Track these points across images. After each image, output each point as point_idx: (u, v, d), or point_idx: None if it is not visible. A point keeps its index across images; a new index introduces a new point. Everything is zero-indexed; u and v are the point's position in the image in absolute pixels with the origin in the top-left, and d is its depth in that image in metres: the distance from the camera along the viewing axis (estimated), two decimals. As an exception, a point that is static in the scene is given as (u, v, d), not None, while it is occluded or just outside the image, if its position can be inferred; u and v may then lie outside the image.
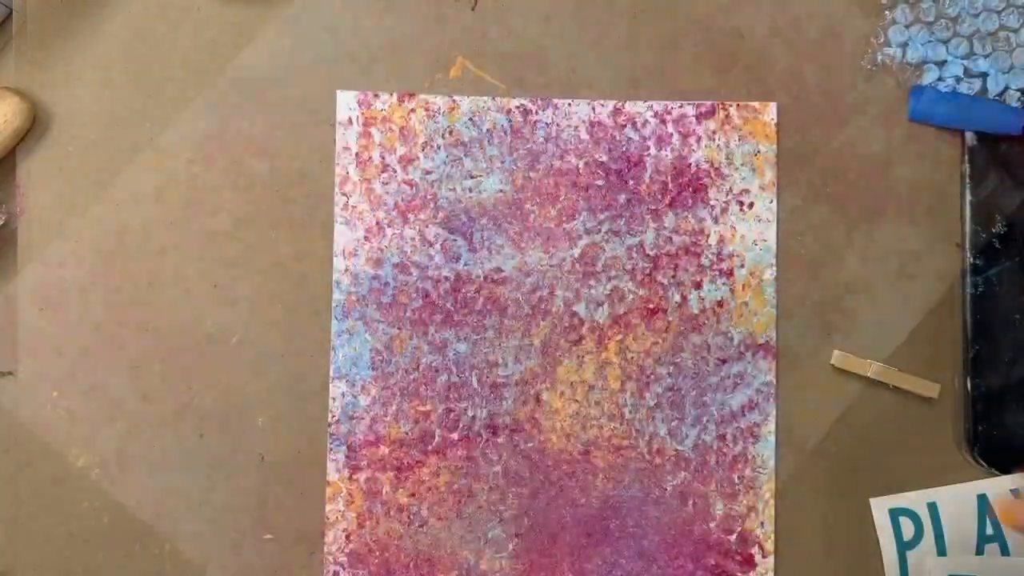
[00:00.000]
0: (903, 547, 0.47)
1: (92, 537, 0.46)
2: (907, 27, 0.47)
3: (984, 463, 0.46)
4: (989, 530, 0.47)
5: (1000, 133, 0.47)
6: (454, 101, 0.46)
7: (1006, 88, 0.47)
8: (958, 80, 0.47)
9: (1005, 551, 0.47)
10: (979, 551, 0.47)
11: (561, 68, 0.47)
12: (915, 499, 0.47)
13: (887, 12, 0.47)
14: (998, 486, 0.47)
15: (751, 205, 0.47)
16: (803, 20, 0.48)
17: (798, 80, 0.47)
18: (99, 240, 0.46)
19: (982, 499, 0.47)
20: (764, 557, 0.47)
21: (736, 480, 0.47)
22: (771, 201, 0.47)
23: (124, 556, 0.46)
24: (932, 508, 0.47)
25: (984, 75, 0.47)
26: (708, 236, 0.47)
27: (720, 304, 0.47)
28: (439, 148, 0.46)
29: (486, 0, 0.47)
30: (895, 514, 0.47)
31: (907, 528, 0.47)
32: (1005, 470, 0.47)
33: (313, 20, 0.47)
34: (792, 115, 0.47)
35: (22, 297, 0.46)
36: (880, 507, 0.47)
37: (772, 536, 0.47)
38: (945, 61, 0.47)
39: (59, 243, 0.46)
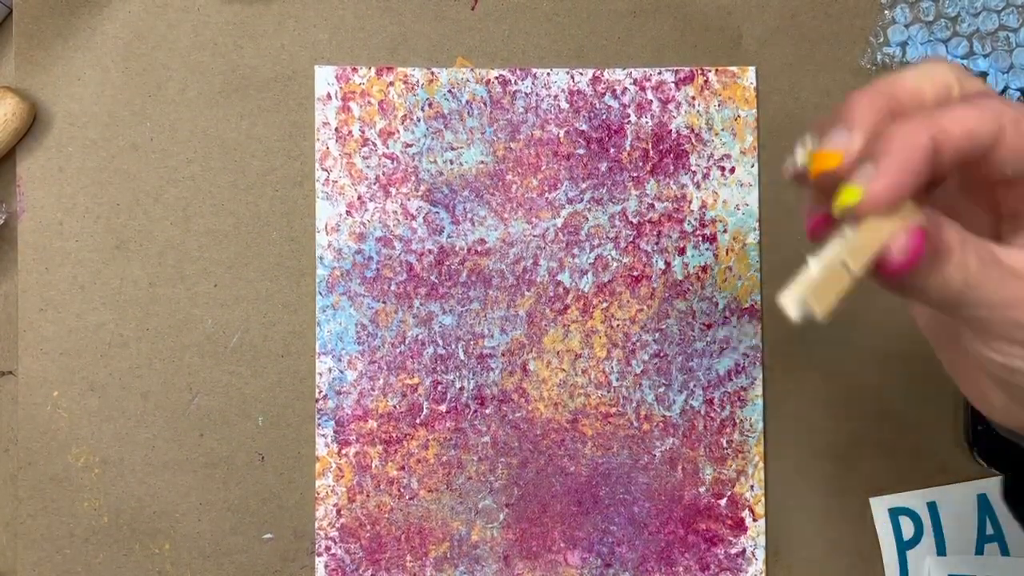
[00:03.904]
0: (903, 547, 0.47)
1: (92, 537, 0.46)
2: (907, 26, 0.47)
3: (984, 463, 0.46)
4: (989, 530, 0.47)
5: None
6: (432, 73, 0.47)
7: (1006, 88, 0.47)
8: (958, 80, 0.47)
9: (1005, 551, 0.47)
10: (979, 551, 0.47)
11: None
12: (915, 499, 0.47)
13: (886, 12, 0.47)
14: (998, 486, 0.47)
15: (732, 170, 0.47)
16: (802, 20, 0.48)
17: (797, 80, 0.47)
18: (99, 240, 0.46)
19: (982, 499, 0.47)
20: (755, 520, 0.47)
21: (724, 444, 0.47)
22: (752, 165, 0.47)
23: (124, 556, 0.46)
24: (932, 508, 0.47)
25: (984, 75, 0.47)
26: (690, 202, 0.47)
27: (704, 269, 0.47)
28: (419, 121, 0.46)
29: (486, 0, 0.47)
30: (895, 513, 0.47)
31: (907, 528, 0.47)
32: (1005, 470, 0.46)
33: (313, 20, 0.47)
34: (790, 114, 0.47)
35: (22, 297, 0.46)
36: (880, 506, 0.47)
37: (762, 500, 0.47)
38: (945, 61, 0.47)
39: (59, 242, 0.46)
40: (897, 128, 0.25)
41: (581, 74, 0.47)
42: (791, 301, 0.25)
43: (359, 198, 0.46)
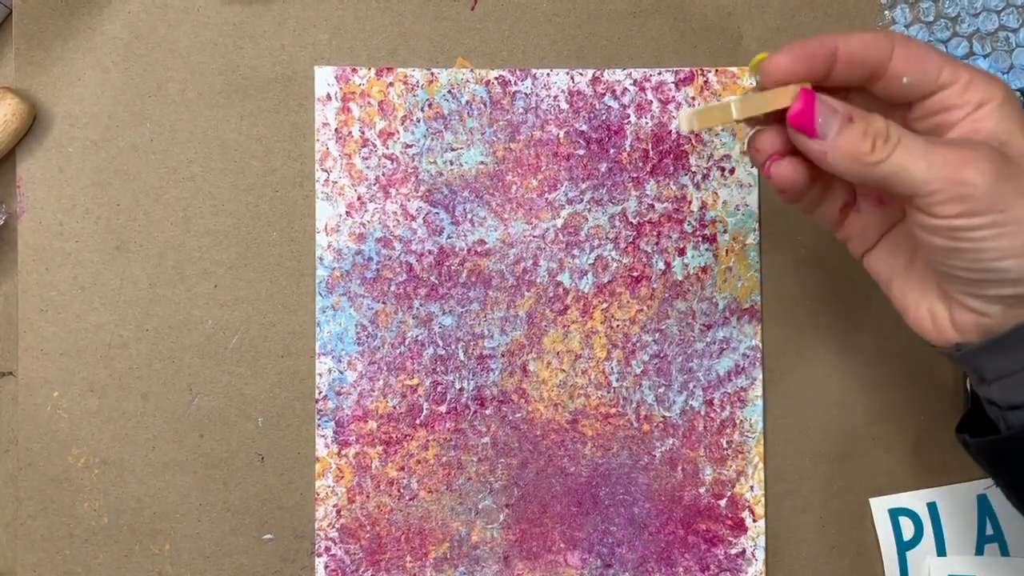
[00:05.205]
0: (903, 547, 0.47)
1: (92, 537, 0.46)
2: (907, 27, 0.47)
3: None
4: (989, 530, 0.47)
5: None
6: (432, 74, 0.47)
7: (1006, 88, 0.47)
8: (958, 80, 0.47)
9: (1005, 551, 0.47)
10: (979, 551, 0.47)
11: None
12: (915, 499, 0.47)
13: (886, 12, 0.47)
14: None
15: (732, 171, 0.47)
16: (802, 20, 0.48)
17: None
18: (99, 240, 0.46)
19: (982, 499, 0.47)
20: (755, 521, 0.47)
21: (724, 445, 0.47)
22: (752, 166, 0.47)
23: (124, 556, 0.46)
24: (932, 508, 0.47)
25: (984, 75, 0.47)
26: (690, 202, 0.47)
27: (704, 270, 0.47)
28: (419, 121, 0.46)
29: (486, 0, 0.47)
30: (895, 514, 0.47)
31: (907, 528, 0.47)
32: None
33: (313, 20, 0.47)
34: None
35: (22, 297, 0.46)
36: (880, 507, 0.47)
37: (762, 500, 0.47)
38: (945, 61, 0.47)
39: (59, 243, 0.46)
40: (813, 36, 0.34)
41: (581, 74, 0.47)
42: (685, 111, 0.34)
43: (359, 199, 0.46)
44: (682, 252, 0.47)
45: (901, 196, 0.33)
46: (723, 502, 0.46)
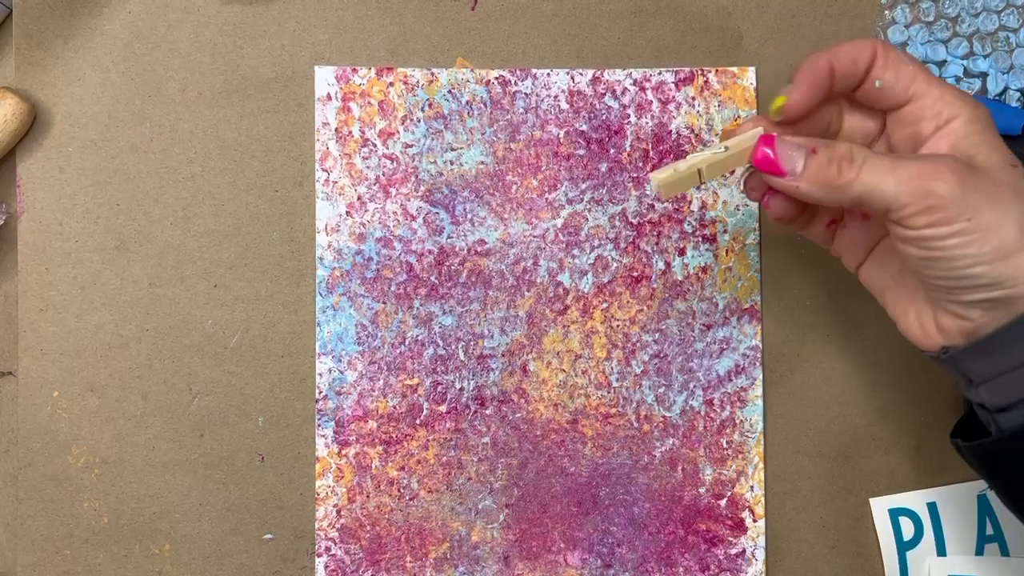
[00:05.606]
0: (903, 547, 0.47)
1: (92, 537, 0.46)
2: (907, 27, 0.47)
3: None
4: (989, 530, 0.47)
5: (1000, 133, 0.46)
6: (432, 74, 0.47)
7: (1006, 88, 0.47)
8: (958, 80, 0.47)
9: (1005, 551, 0.47)
10: (979, 551, 0.47)
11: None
12: (915, 499, 0.47)
13: (887, 12, 0.47)
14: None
15: (732, 171, 0.47)
16: (802, 20, 0.48)
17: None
18: (99, 240, 0.46)
19: (982, 499, 0.47)
20: (755, 521, 0.47)
21: (724, 445, 0.47)
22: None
23: (124, 556, 0.46)
24: (932, 508, 0.47)
25: (984, 75, 0.47)
26: (690, 202, 0.47)
27: (704, 270, 0.47)
28: (419, 121, 0.46)
29: (486, 0, 0.47)
30: (895, 514, 0.47)
31: (907, 528, 0.47)
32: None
33: (313, 20, 0.47)
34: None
35: (22, 297, 0.46)
36: (880, 507, 0.47)
37: (762, 500, 0.47)
38: (945, 61, 0.47)
39: (59, 243, 0.46)
40: (806, 58, 0.36)
41: (581, 74, 0.47)
42: (655, 180, 0.37)
43: (359, 198, 0.46)
44: (682, 252, 0.47)
45: (878, 212, 0.34)
46: (723, 502, 0.46)
